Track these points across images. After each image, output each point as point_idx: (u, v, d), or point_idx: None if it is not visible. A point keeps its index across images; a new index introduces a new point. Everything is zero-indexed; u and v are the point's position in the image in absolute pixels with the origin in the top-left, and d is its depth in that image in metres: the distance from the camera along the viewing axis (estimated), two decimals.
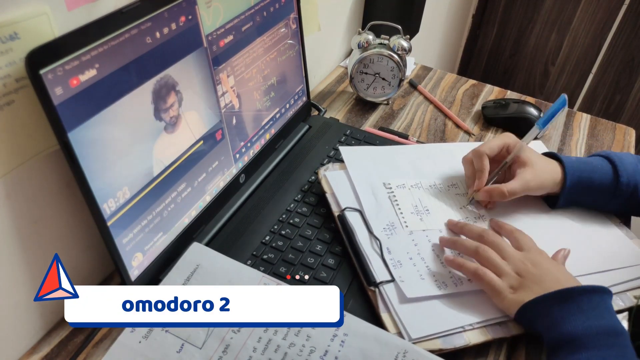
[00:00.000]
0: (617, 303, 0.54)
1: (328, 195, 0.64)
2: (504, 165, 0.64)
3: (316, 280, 0.56)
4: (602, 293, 0.49)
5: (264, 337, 0.48)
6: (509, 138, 0.64)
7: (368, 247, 0.58)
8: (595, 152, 0.66)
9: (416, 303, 0.53)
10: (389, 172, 0.68)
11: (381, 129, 0.84)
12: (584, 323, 0.46)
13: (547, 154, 0.66)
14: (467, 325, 0.51)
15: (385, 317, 0.52)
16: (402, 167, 0.69)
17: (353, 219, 0.61)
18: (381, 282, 0.54)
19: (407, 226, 0.61)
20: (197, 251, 0.54)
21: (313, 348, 0.47)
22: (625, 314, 0.54)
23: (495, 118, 0.86)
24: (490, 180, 0.64)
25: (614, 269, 0.57)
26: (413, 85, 0.96)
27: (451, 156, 0.71)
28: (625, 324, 0.54)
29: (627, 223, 0.65)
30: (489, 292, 0.53)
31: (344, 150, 0.70)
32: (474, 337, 0.51)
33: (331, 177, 0.66)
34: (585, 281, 0.54)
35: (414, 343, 0.49)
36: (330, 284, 0.55)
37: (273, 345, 0.47)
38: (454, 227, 0.61)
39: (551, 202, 0.65)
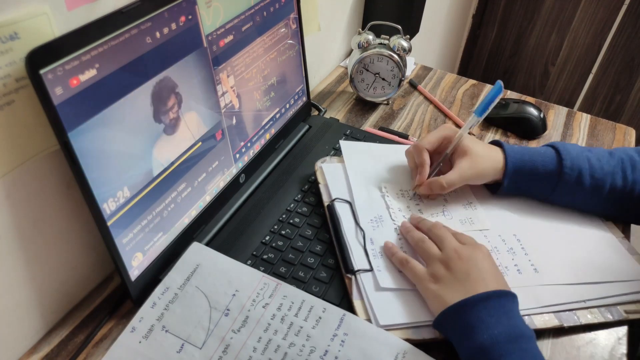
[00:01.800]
0: (606, 316, 0.53)
1: (321, 186, 0.65)
2: (444, 157, 0.64)
3: (316, 280, 0.56)
4: (498, 297, 0.48)
5: (264, 337, 0.48)
6: (447, 130, 0.64)
7: (352, 237, 0.58)
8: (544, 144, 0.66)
9: (390, 294, 0.53)
10: (386, 170, 0.68)
11: (381, 129, 0.84)
12: (485, 332, 0.45)
13: (492, 142, 0.66)
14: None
15: (357, 303, 0.52)
16: (401, 166, 0.69)
17: (342, 210, 0.61)
18: (359, 270, 0.54)
19: (394, 221, 0.61)
20: (197, 251, 0.54)
21: (313, 348, 0.47)
22: (617, 328, 0.54)
23: (495, 118, 0.86)
24: (432, 173, 0.64)
25: (606, 282, 0.56)
26: (413, 85, 0.96)
27: None
28: (616, 337, 0.54)
29: (626, 232, 0.65)
30: (413, 281, 0.53)
31: (344, 144, 0.71)
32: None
33: (327, 169, 0.67)
34: (574, 290, 0.54)
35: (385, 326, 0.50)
36: (330, 285, 0.55)
37: (273, 345, 0.47)
38: (413, 221, 0.60)
39: (494, 189, 0.65)
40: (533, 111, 0.84)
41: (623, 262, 0.59)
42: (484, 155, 0.62)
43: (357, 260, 0.56)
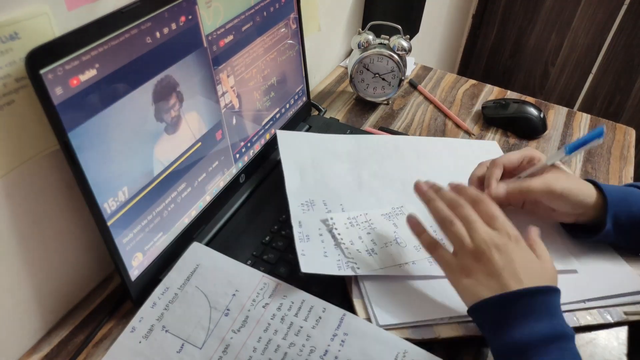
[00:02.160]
0: (605, 317, 0.53)
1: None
2: (518, 178, 0.58)
3: (315, 280, 0.56)
4: (545, 293, 0.45)
5: (264, 337, 0.48)
6: (532, 151, 0.59)
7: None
8: (627, 184, 0.60)
9: (390, 293, 0.53)
10: (324, 158, 0.69)
11: (381, 128, 0.84)
12: (524, 330, 0.43)
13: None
14: (438, 319, 0.51)
15: (357, 302, 0.52)
16: (340, 156, 0.70)
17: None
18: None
19: (328, 210, 0.60)
20: (197, 251, 0.54)
21: (313, 348, 0.47)
22: (617, 328, 0.54)
23: (495, 118, 0.86)
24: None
25: (606, 283, 0.55)
26: (413, 85, 0.96)
27: (395, 150, 0.72)
28: (616, 337, 0.54)
29: None
30: (441, 268, 0.50)
31: (281, 134, 0.70)
32: (444, 332, 0.50)
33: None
34: (574, 291, 0.53)
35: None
36: (330, 285, 0.55)
37: (273, 345, 0.47)
38: (429, 188, 0.54)
39: (585, 229, 0.57)
40: (533, 111, 0.84)
41: (622, 264, 0.59)
42: (580, 185, 0.55)
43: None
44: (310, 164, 0.67)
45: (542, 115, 0.85)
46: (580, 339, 0.53)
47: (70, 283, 0.54)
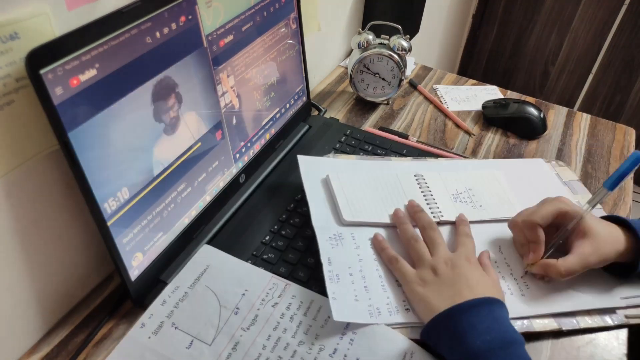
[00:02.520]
0: (605, 320, 0.53)
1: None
2: (564, 233, 0.55)
3: (315, 281, 0.56)
4: (494, 304, 0.48)
5: (274, 335, 0.48)
6: (563, 204, 0.55)
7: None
8: None
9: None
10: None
11: (381, 128, 0.84)
12: (476, 339, 0.45)
13: (607, 218, 0.58)
14: (393, 324, 0.50)
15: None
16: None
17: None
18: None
19: (357, 246, 0.57)
20: (207, 253, 0.55)
21: (322, 346, 0.48)
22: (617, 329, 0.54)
23: (495, 118, 0.86)
24: (548, 252, 0.56)
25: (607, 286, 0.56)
26: (413, 85, 0.96)
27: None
28: (616, 337, 0.54)
29: None
30: (400, 281, 0.53)
31: (302, 160, 0.66)
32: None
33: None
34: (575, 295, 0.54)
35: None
36: None
37: (282, 343, 0.48)
38: (409, 209, 0.60)
39: (618, 270, 0.56)
40: (533, 111, 0.84)
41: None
42: (607, 238, 0.54)
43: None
44: (335, 193, 0.62)
45: (542, 115, 0.85)
46: (580, 339, 0.53)
47: (70, 283, 0.54)
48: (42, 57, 0.37)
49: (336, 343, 0.48)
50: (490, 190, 0.67)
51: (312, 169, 0.66)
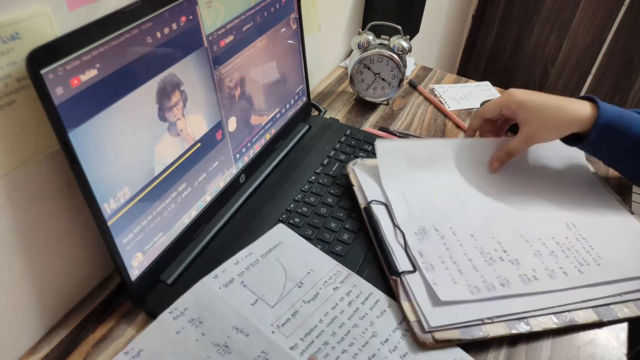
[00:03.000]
0: (600, 314, 0.54)
1: (355, 189, 0.66)
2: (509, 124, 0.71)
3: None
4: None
5: (331, 313, 0.52)
6: (508, 96, 0.66)
7: (392, 239, 0.59)
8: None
9: (447, 272, 0.55)
10: (425, 174, 0.67)
11: (381, 129, 0.84)
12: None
13: (582, 98, 0.66)
14: (486, 319, 0.52)
15: (405, 305, 0.52)
16: (441, 165, 0.69)
17: (379, 212, 0.62)
18: (403, 272, 0.55)
19: (441, 237, 0.60)
20: (281, 231, 0.60)
21: (375, 333, 0.50)
22: (617, 329, 0.54)
23: None
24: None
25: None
26: (413, 86, 0.96)
27: (485, 153, 0.71)
28: (616, 337, 0.54)
29: None
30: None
31: (380, 145, 0.68)
32: (493, 330, 0.51)
33: (359, 171, 0.67)
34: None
35: (431, 332, 0.50)
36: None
37: (338, 321, 0.51)
38: None
39: (575, 140, 0.66)
40: None
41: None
42: (544, 118, 0.64)
43: (400, 261, 0.56)
44: (410, 185, 0.66)
45: None
46: (580, 339, 0.53)
47: (70, 283, 0.54)
48: (43, 57, 0.37)
49: (389, 334, 0.50)
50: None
51: (390, 159, 0.68)
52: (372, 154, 0.75)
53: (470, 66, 2.23)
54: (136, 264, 0.51)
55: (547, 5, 1.92)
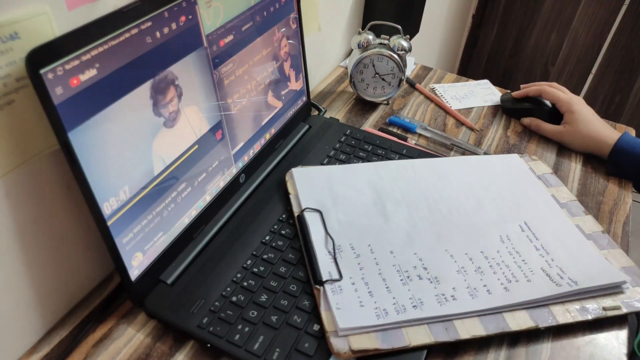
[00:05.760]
0: (583, 315, 0.53)
1: (291, 197, 0.65)
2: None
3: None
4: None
5: None
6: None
7: (321, 246, 0.57)
8: None
9: (354, 297, 0.52)
10: (345, 193, 0.66)
11: (381, 129, 0.84)
12: None
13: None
14: (404, 322, 0.50)
15: (325, 315, 0.51)
16: (361, 188, 0.67)
17: (311, 219, 0.61)
18: (327, 281, 0.53)
19: (357, 255, 0.58)
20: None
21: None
22: (617, 329, 0.54)
23: (511, 109, 0.89)
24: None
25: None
26: (411, 84, 0.96)
27: (414, 173, 0.70)
28: (616, 337, 0.54)
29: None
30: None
31: (297, 173, 0.68)
32: (415, 338, 0.49)
33: (297, 177, 0.67)
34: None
35: (347, 336, 0.48)
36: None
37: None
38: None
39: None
40: (549, 104, 0.86)
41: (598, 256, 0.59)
42: (590, 129, 0.78)
43: (325, 270, 0.54)
44: (332, 203, 0.64)
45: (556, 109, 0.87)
46: (580, 339, 0.53)
47: (70, 283, 0.54)
48: (42, 56, 0.37)
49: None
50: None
51: (308, 182, 0.67)
52: (372, 154, 0.75)
53: (470, 66, 2.23)
54: (136, 264, 0.51)
55: (547, 5, 1.92)
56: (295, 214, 0.63)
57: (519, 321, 0.52)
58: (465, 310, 0.52)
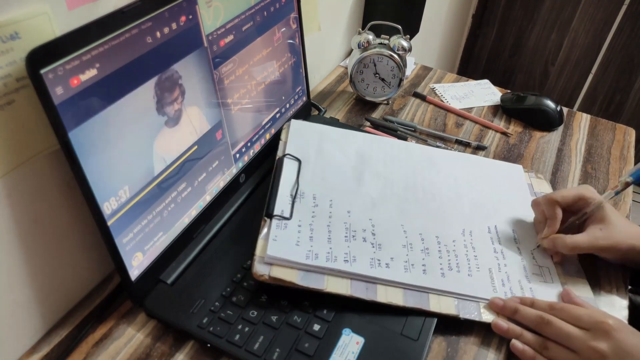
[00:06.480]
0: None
1: (280, 143, 0.67)
2: (582, 216, 0.58)
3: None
4: None
5: None
6: (586, 190, 0.59)
7: (286, 188, 0.60)
8: None
9: (295, 232, 0.55)
10: (330, 151, 0.68)
11: (367, 119, 0.84)
12: None
13: None
14: (328, 270, 0.52)
15: (260, 242, 0.54)
16: (347, 152, 0.69)
17: (289, 165, 0.63)
18: (276, 215, 0.56)
19: (315, 205, 0.60)
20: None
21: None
22: None
23: (513, 109, 0.89)
24: (563, 229, 0.59)
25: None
26: (421, 97, 0.94)
27: (408, 156, 0.71)
28: None
29: None
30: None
31: (294, 123, 0.71)
32: (334, 286, 0.51)
33: (293, 128, 0.69)
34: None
35: (270, 263, 0.51)
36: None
37: None
38: (503, 311, 0.53)
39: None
40: (550, 104, 0.87)
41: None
42: (622, 228, 0.56)
43: (279, 207, 0.57)
44: (314, 155, 0.67)
45: (558, 109, 0.87)
46: None
47: (70, 283, 0.54)
48: (42, 56, 0.37)
49: None
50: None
51: (301, 133, 0.70)
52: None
53: (470, 66, 2.23)
54: (136, 264, 0.51)
55: (547, 5, 1.92)
56: (277, 157, 0.65)
57: (442, 305, 0.52)
58: (392, 279, 0.52)
